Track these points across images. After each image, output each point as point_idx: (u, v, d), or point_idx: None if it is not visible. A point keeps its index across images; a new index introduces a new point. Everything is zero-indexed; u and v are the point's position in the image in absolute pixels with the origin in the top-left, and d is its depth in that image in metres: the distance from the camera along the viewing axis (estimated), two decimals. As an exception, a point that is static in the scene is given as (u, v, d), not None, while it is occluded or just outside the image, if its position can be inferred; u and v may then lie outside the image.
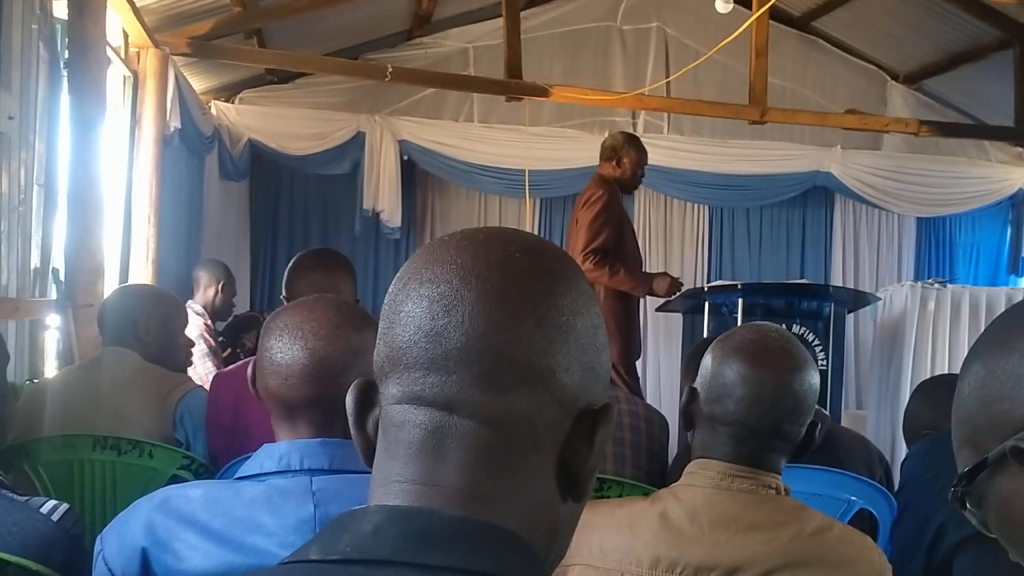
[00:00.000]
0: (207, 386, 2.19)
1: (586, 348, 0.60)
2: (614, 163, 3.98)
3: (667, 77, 5.71)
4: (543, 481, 0.59)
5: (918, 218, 6.61)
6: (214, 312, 3.80)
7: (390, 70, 4.65)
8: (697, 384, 1.28)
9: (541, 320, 0.58)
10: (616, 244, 3.82)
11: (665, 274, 3.85)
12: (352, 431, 0.63)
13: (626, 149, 3.98)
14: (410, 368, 0.58)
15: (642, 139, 5.86)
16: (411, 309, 0.59)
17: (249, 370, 1.21)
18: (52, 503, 1.22)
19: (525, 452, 0.57)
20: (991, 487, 0.66)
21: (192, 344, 2.43)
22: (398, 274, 0.62)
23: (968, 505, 0.69)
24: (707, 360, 1.27)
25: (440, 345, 0.57)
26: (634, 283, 3.85)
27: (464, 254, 0.59)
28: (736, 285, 3.82)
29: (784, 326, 3.58)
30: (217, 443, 1.98)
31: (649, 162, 5.82)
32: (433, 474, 0.56)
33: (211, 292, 3.80)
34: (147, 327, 2.18)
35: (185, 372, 2.38)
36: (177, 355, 2.31)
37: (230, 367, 2.22)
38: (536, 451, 0.58)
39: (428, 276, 0.59)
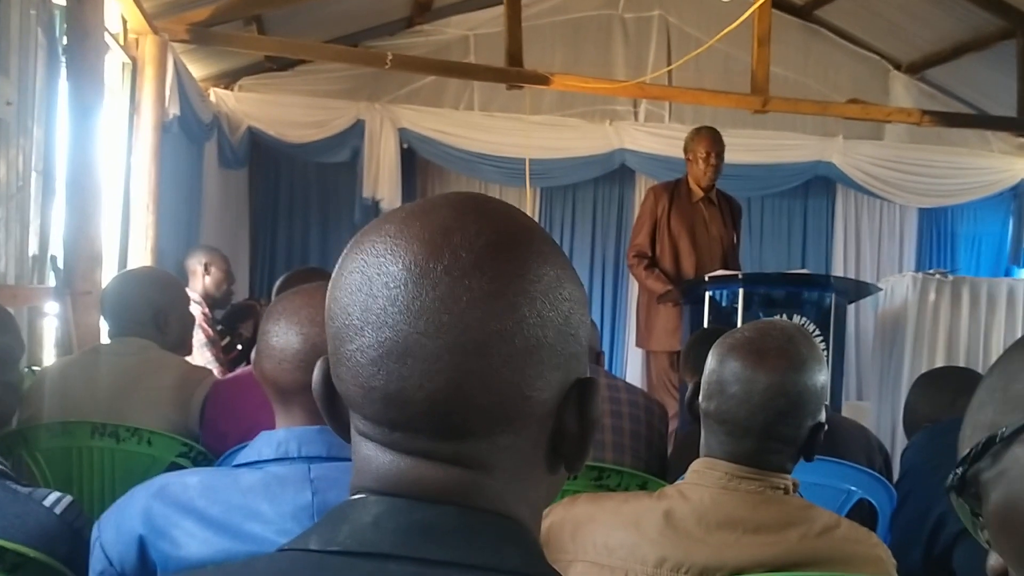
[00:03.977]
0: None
1: (560, 349, 0.56)
2: (688, 160, 4.07)
3: (669, 65, 5.69)
4: (535, 465, 0.58)
5: (920, 208, 6.59)
6: (212, 299, 3.79)
7: (390, 57, 4.62)
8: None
9: (509, 352, 0.53)
10: (653, 244, 4.04)
11: (670, 290, 3.92)
12: (324, 417, 0.61)
13: (690, 144, 4.06)
14: (370, 420, 0.55)
15: (642, 128, 5.92)
16: (356, 359, 0.54)
17: (252, 354, 1.22)
18: (55, 496, 1.22)
19: (512, 464, 0.56)
20: (999, 466, 0.60)
21: (194, 322, 2.43)
22: (330, 303, 0.56)
23: (965, 493, 0.63)
24: (709, 357, 1.26)
25: (401, 410, 0.53)
26: (650, 286, 4.01)
27: (405, 287, 0.52)
28: (737, 275, 3.80)
29: (785, 316, 3.63)
30: (212, 444, 1.97)
31: (649, 151, 5.81)
32: (418, 480, 0.55)
33: (200, 276, 3.77)
34: (167, 319, 2.16)
35: (191, 350, 2.40)
36: (190, 340, 2.36)
37: (231, 374, 2.22)
38: (524, 456, 0.56)
39: (370, 318, 0.53)
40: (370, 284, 0.53)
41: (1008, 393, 0.63)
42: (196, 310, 3.54)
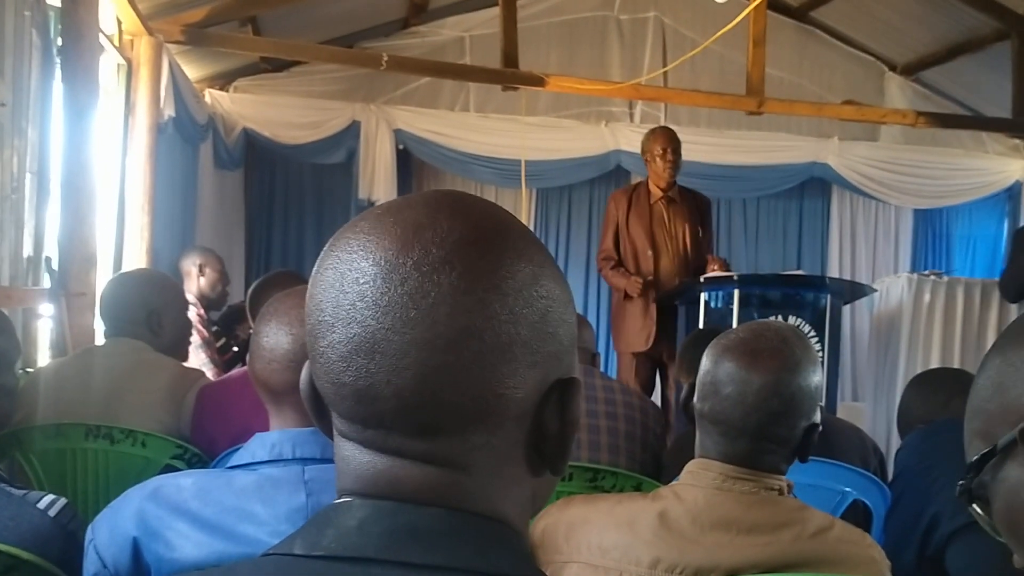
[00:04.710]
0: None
1: (535, 347, 0.54)
2: (646, 161, 4.11)
3: (664, 67, 5.69)
4: (514, 464, 0.57)
5: (915, 210, 6.61)
6: (207, 300, 3.78)
7: (385, 59, 4.62)
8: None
9: (478, 349, 0.52)
10: (617, 245, 4.09)
11: (632, 280, 3.96)
12: (312, 417, 0.61)
13: (646, 144, 4.11)
14: (344, 418, 0.55)
15: (637, 130, 5.90)
16: (328, 356, 0.53)
17: (248, 355, 1.22)
18: (49, 498, 1.22)
19: (488, 463, 0.55)
20: (999, 476, 0.63)
21: (191, 327, 2.43)
22: (307, 301, 0.56)
23: (974, 502, 0.66)
24: (703, 357, 1.26)
25: (370, 406, 0.53)
26: (615, 283, 4.10)
27: (374, 283, 0.52)
28: (732, 276, 3.81)
29: (780, 317, 3.64)
30: (201, 447, 1.97)
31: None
32: (395, 480, 0.54)
33: (194, 277, 3.76)
34: (161, 320, 2.16)
35: (187, 356, 2.39)
36: (186, 344, 2.35)
37: (220, 377, 2.22)
38: (501, 456, 0.56)
39: (341, 314, 0.53)
40: (341, 280, 0.53)
41: (997, 403, 0.64)
42: (191, 312, 3.54)
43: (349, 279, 0.53)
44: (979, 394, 0.67)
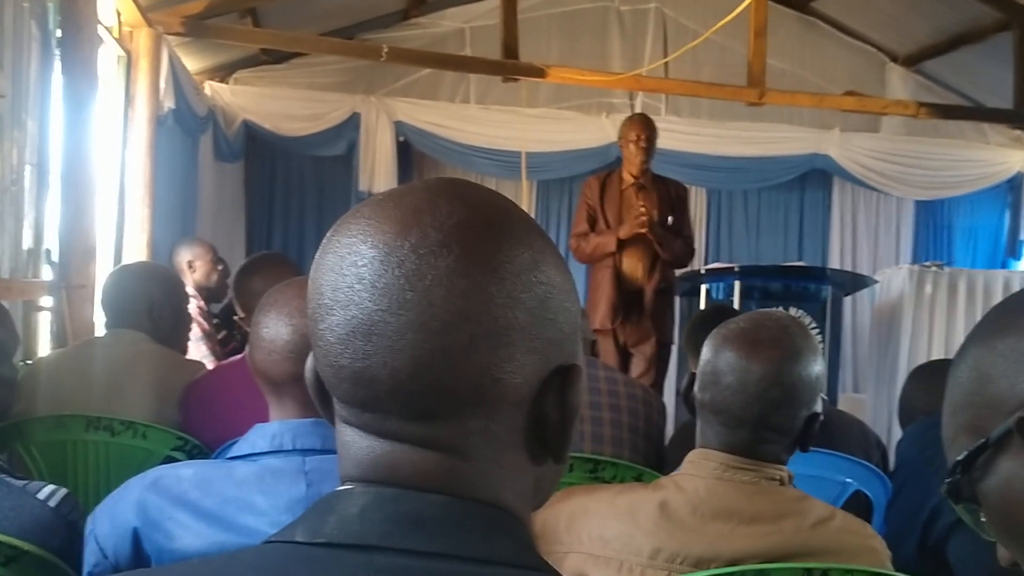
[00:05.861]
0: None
1: (534, 333, 0.54)
2: (621, 147, 4.05)
3: (665, 58, 5.67)
4: (515, 452, 0.56)
5: (916, 201, 6.59)
6: (207, 290, 3.76)
7: (386, 50, 4.61)
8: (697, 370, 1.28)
9: (474, 332, 0.52)
10: (592, 228, 3.99)
11: (627, 222, 3.85)
12: (317, 405, 0.61)
13: (621, 130, 4.06)
14: (343, 402, 0.55)
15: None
16: (326, 338, 0.54)
17: (247, 346, 1.22)
18: (50, 489, 1.22)
19: (487, 449, 0.55)
20: (992, 470, 0.61)
21: (191, 320, 2.44)
22: (309, 286, 0.56)
23: (963, 499, 0.64)
24: (704, 347, 1.26)
25: (368, 389, 0.53)
26: (598, 242, 3.93)
27: (371, 265, 0.52)
28: (733, 268, 3.82)
29: (781, 309, 3.63)
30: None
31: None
32: (393, 465, 0.54)
33: (187, 273, 3.73)
34: (161, 312, 2.17)
35: (187, 348, 2.40)
36: (186, 337, 2.36)
37: (207, 371, 2.20)
38: (499, 443, 0.55)
39: (339, 297, 0.53)
40: (340, 263, 0.54)
41: (985, 396, 0.62)
42: (192, 305, 3.53)
43: (348, 262, 0.53)
44: (961, 387, 0.65)
